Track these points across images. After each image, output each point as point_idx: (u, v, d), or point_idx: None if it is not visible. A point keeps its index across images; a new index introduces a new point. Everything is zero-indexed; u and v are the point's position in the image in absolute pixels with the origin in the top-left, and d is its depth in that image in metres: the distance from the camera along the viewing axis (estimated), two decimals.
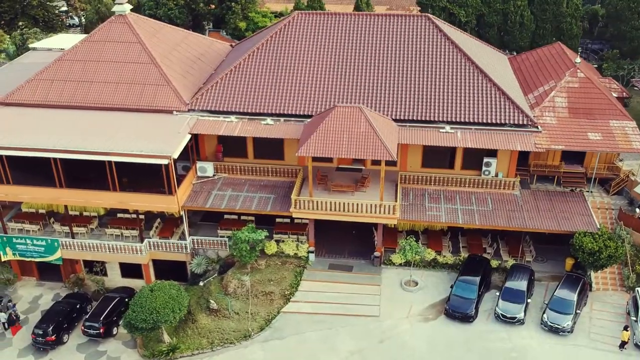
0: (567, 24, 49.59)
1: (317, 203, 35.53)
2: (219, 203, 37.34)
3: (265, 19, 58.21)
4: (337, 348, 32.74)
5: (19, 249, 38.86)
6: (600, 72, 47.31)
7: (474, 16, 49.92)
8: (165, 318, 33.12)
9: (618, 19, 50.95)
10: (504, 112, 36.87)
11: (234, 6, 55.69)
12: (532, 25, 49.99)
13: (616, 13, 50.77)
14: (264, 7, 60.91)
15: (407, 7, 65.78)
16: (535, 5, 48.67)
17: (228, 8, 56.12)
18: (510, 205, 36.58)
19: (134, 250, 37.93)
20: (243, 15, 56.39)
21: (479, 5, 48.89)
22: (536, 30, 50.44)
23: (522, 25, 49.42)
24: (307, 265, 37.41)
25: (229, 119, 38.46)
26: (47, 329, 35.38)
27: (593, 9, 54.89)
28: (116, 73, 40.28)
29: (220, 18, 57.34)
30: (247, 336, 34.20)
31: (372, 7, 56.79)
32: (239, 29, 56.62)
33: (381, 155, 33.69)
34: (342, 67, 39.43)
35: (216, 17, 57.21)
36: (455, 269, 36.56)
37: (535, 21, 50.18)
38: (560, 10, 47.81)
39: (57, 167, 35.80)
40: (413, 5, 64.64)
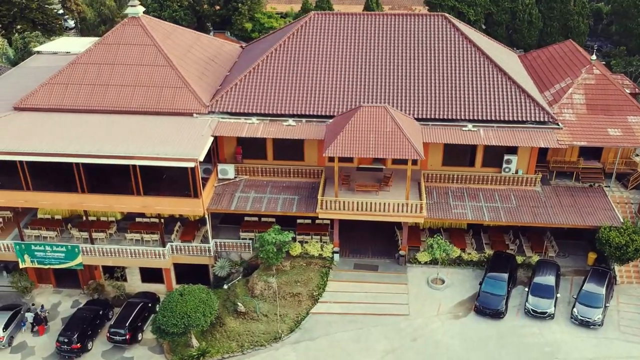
0: (575, 22, 50.38)
1: (344, 203, 35.52)
2: (243, 205, 37.13)
3: (271, 19, 57.97)
4: (371, 348, 32.76)
5: (37, 256, 38.20)
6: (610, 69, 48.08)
7: (483, 15, 50.51)
8: (196, 322, 32.86)
9: (624, 16, 51.91)
10: (525, 109, 37.24)
11: (241, 7, 55.41)
12: (540, 24, 50.64)
13: (622, 10, 51.70)
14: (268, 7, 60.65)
15: (409, 7, 66.11)
16: (543, 4, 49.30)
17: (234, 9, 55.79)
18: (534, 201, 36.96)
19: (157, 254, 37.52)
20: (249, 16, 56.15)
21: (487, 4, 49.42)
22: (544, 28, 51.10)
23: (530, 23, 50.03)
24: (333, 265, 37.36)
25: (250, 120, 38.27)
26: (71, 336, 34.91)
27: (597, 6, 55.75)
28: (133, 76, 39.81)
29: (226, 19, 56.97)
30: (277, 338, 34.05)
31: (382, 7, 56.93)
32: (245, 30, 56.35)
33: (409, 154, 33.83)
34: (361, 67, 39.48)
35: (222, 19, 56.82)
36: (480, 266, 36.82)
37: (543, 19, 50.84)
38: (567, 9, 48.54)
39: (79, 172, 35.25)
40: (415, 5, 65.03)
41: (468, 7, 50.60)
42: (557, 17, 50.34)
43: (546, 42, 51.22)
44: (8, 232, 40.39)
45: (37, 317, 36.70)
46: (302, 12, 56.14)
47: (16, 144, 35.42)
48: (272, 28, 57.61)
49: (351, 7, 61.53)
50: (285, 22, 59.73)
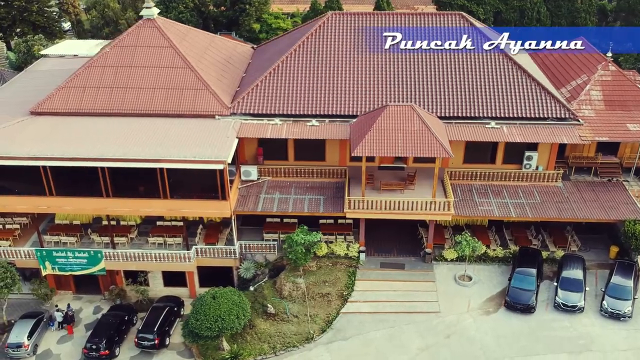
0: (582, 20, 51.25)
1: (371, 202, 35.62)
2: (269, 206, 37.03)
3: (278, 20, 57.82)
4: (405, 346, 32.88)
5: (59, 263, 37.65)
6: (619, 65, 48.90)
7: (492, 13, 51.10)
8: (230, 325, 32.66)
9: (630, 12, 52.93)
10: (545, 106, 37.72)
11: (248, 8, 55.15)
12: (548, 21, 51.41)
13: (628, 7, 52.69)
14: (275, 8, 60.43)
15: (411, 6, 66.43)
16: (551, 2, 50.06)
17: (241, 10, 55.54)
18: (557, 197, 37.46)
19: (183, 257, 37.22)
20: (256, 17, 55.93)
21: (496, 2, 50.06)
22: (552, 26, 51.95)
23: (539, 21, 50.79)
24: (359, 265, 37.42)
25: (273, 121, 38.16)
26: (99, 342, 34.53)
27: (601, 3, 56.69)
28: (151, 78, 39.45)
29: (232, 20, 56.65)
30: (309, 339, 33.99)
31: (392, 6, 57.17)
32: (252, 30, 56.10)
33: (437, 152, 34.05)
34: (381, 66, 39.61)
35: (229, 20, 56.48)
36: (506, 262, 37.18)
37: (551, 17, 51.63)
38: (574, 6, 49.38)
39: (104, 176, 34.82)
40: (417, 4, 65.35)
41: (477, 6, 51.11)
42: (564, 15, 51.24)
43: None
44: (26, 238, 39.83)
45: (67, 316, 36.67)
46: (311, 12, 56.10)
47: (38, 148, 34.85)
48: (279, 28, 57.57)
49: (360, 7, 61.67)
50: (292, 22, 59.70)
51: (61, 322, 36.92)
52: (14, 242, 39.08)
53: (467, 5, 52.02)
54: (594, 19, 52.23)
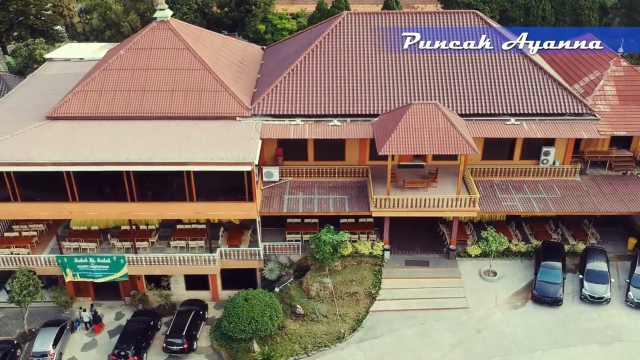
0: (586, 17, 52.20)
1: (397, 201, 35.82)
2: (295, 207, 37.00)
3: (283, 21, 57.68)
4: (437, 342, 33.15)
5: (80, 269, 37.15)
6: None
7: (498, 11, 51.75)
8: (264, 326, 32.67)
9: (631, 9, 54.05)
10: (562, 102, 38.33)
11: (254, 9, 54.94)
12: (553, 19, 52.26)
13: (629, 3, 53.74)
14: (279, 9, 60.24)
15: (412, 5, 66.84)
16: None
17: (247, 11, 55.28)
18: (577, 191, 38.10)
19: (207, 260, 36.99)
20: (262, 17, 55.75)
21: (502, 0, 50.67)
22: (556, 24, 52.81)
23: (544, 19, 51.59)
24: (384, 263, 37.59)
25: (294, 121, 38.13)
26: (127, 349, 34.10)
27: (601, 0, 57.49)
28: (169, 81, 39.14)
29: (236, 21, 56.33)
30: (340, 338, 34.06)
31: (400, 5, 57.46)
32: (257, 31, 55.93)
33: (463, 149, 34.39)
34: (399, 65, 39.83)
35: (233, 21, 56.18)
36: (528, 256, 37.70)
37: (555, 15, 52.47)
38: (578, 4, 50.26)
39: (129, 180, 34.44)
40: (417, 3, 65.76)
41: (483, 4, 51.77)
42: (568, 12, 52.16)
43: None
44: (44, 245, 39.18)
45: (95, 315, 36.68)
46: (317, 12, 56.16)
47: (60, 154, 34.34)
48: (284, 29, 57.50)
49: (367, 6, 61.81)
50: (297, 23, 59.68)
51: (88, 322, 36.82)
52: (32, 249, 38.42)
53: (474, 4, 52.68)
54: (596, 16, 53.24)
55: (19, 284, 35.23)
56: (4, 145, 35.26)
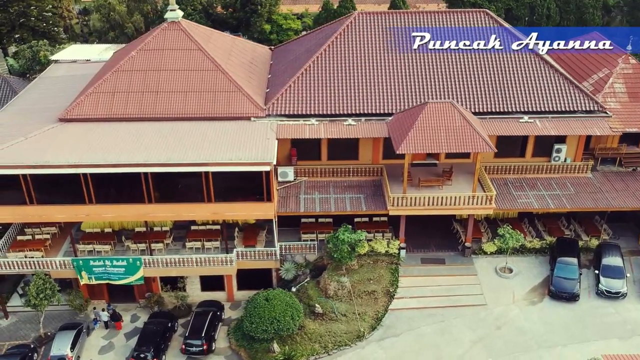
0: (590, 15, 52.79)
1: (414, 199, 35.98)
2: (311, 206, 37.06)
3: (288, 21, 57.66)
4: (457, 339, 33.35)
5: (96, 272, 36.91)
6: None
7: (503, 10, 52.14)
8: (286, 326, 32.74)
9: (635, 7, 54.67)
10: (574, 99, 38.71)
11: (260, 9, 54.91)
12: (557, 17, 52.76)
13: (633, 2, 54.29)
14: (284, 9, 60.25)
15: (414, 5, 67.05)
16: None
17: (252, 11, 55.20)
18: (590, 187, 38.49)
19: (223, 261, 36.92)
20: (267, 18, 55.75)
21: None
22: (560, 22, 53.32)
23: (549, 17, 52.07)
24: (400, 261, 37.74)
25: (309, 121, 38.18)
26: (147, 351, 33.99)
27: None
28: (182, 82, 39.03)
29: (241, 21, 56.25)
30: (360, 337, 34.16)
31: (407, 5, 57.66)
32: (263, 31, 55.90)
33: (480, 147, 34.63)
34: (412, 64, 40.01)
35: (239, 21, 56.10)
36: (543, 253, 38.02)
37: (560, 13, 52.99)
38: (582, 2, 50.79)
39: (147, 181, 34.29)
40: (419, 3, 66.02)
41: (489, 3, 52.18)
42: (572, 11, 52.73)
43: None
44: (57, 248, 38.91)
45: (115, 313, 36.78)
46: (323, 12, 56.25)
47: (77, 156, 34.10)
48: (290, 29, 57.53)
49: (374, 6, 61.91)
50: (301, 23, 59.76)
51: (107, 321, 36.91)
52: (45, 252, 38.14)
53: (479, 3, 53.07)
54: (599, 14, 53.88)
55: (36, 287, 34.98)
56: (18, 148, 34.98)
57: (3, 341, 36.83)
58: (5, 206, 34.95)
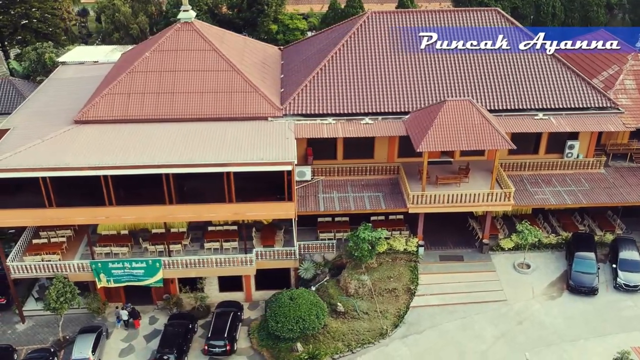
0: (594, 13, 53.50)
1: (433, 197, 36.23)
2: (331, 205, 37.21)
3: (294, 21, 57.70)
4: (480, 335, 33.66)
5: (114, 275, 36.71)
6: None
7: (509, 9, 52.62)
8: (312, 325, 32.86)
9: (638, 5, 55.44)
10: (587, 96, 39.25)
11: (267, 9, 54.92)
12: (562, 15, 53.39)
13: None
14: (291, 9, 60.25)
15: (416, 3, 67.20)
16: None
17: (259, 11, 55.19)
18: (604, 182, 39.03)
19: (243, 261, 36.89)
20: (273, 18, 55.78)
21: None
22: (565, 20, 53.97)
23: (554, 15, 52.68)
24: (419, 259, 37.96)
25: (326, 120, 38.30)
26: (170, 353, 33.89)
27: None
28: (198, 82, 38.96)
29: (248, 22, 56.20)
30: (383, 334, 34.34)
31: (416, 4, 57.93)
32: (270, 32, 55.91)
33: (499, 144, 34.98)
34: (426, 62, 40.28)
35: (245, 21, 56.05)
36: (559, 248, 38.47)
37: (564, 11, 53.64)
38: (587, 0, 51.41)
39: (167, 182, 34.18)
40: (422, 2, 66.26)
41: (495, 2, 52.65)
42: (577, 9, 53.42)
43: None
44: (73, 251, 38.59)
45: (133, 311, 36.92)
46: (330, 12, 56.39)
47: (96, 158, 33.93)
48: (296, 29, 57.62)
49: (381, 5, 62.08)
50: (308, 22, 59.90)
51: (127, 320, 37.00)
52: (62, 255, 37.85)
53: (486, 2, 53.53)
54: (603, 12, 54.62)
55: (56, 290, 34.74)
56: (36, 151, 34.73)
57: (21, 345, 36.54)
58: (24, 209, 34.59)
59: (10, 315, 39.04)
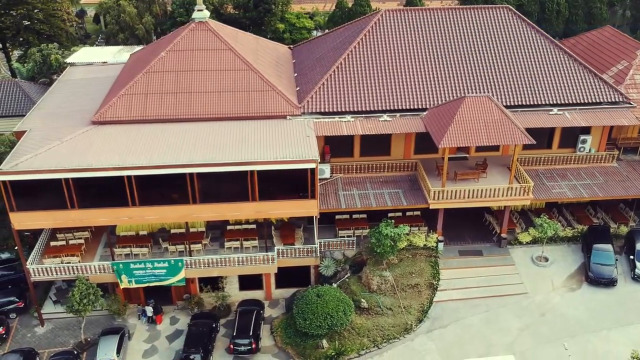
0: (597, 10, 54.37)
1: (453, 192, 36.59)
2: (352, 202, 37.42)
3: (301, 20, 57.80)
4: (504, 328, 34.07)
5: (136, 275, 36.59)
6: None
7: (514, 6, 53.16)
8: (340, 321, 32.99)
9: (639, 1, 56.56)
10: (599, 91, 39.90)
11: (274, 8, 54.99)
12: (566, 12, 54.16)
13: None
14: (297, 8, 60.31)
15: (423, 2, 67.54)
16: None
17: (266, 10, 55.21)
18: (618, 176, 39.72)
19: (265, 260, 36.95)
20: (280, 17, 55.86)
21: None
22: (569, 17, 54.77)
23: (559, 12, 53.41)
24: (439, 254, 38.31)
25: (345, 118, 38.51)
26: (196, 352, 33.86)
27: None
28: (215, 82, 38.99)
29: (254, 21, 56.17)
30: (407, 329, 34.62)
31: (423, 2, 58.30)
32: (277, 31, 55.97)
33: (519, 139, 35.43)
34: (440, 59, 40.68)
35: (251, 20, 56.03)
36: (575, 241, 39.05)
37: (568, 8, 54.45)
38: None
39: (191, 182, 34.13)
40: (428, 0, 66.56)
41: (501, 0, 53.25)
42: (581, 6, 54.27)
43: (571, 29, 54.89)
44: (92, 253, 38.37)
45: (156, 306, 37.18)
46: (338, 11, 56.57)
47: (120, 158, 33.83)
48: (303, 28, 57.74)
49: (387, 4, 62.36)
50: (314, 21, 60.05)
51: (151, 316, 37.27)
52: (81, 257, 37.62)
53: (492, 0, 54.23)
54: (606, 9, 55.54)
55: (79, 292, 34.54)
56: (56, 152, 34.55)
57: (42, 349, 36.26)
58: (47, 211, 34.33)
59: (28, 318, 38.74)
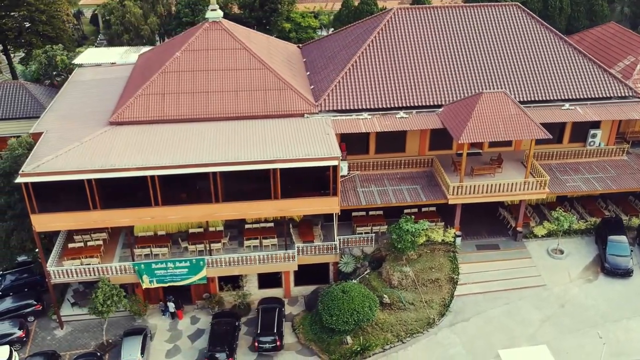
0: (599, 7, 55.33)
1: (472, 187, 37.08)
2: (372, 199, 37.75)
3: (307, 19, 57.96)
4: (526, 319, 34.64)
5: (157, 275, 36.61)
6: None
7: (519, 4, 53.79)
8: (366, 317, 33.31)
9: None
10: (609, 86, 40.65)
11: (280, 8, 55.10)
12: (569, 9, 55.02)
13: None
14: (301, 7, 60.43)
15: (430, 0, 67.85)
16: None
17: (272, 10, 55.29)
18: (629, 169, 40.53)
19: (285, 257, 37.14)
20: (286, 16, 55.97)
21: None
22: (571, 14, 55.62)
23: (561, 9, 54.24)
24: (457, 249, 38.78)
25: (362, 116, 38.82)
26: (221, 351, 34.00)
27: None
28: (232, 81, 39.04)
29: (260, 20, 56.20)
30: (430, 324, 35.04)
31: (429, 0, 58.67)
32: (283, 30, 56.08)
33: (536, 134, 36.03)
34: (454, 57, 41.14)
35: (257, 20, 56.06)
36: (588, 233, 39.77)
37: (570, 5, 55.32)
38: None
39: (214, 181, 34.22)
40: None
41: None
42: (583, 3, 55.22)
43: (573, 26, 55.80)
44: (111, 254, 38.27)
45: (177, 302, 37.61)
46: (344, 9, 56.86)
47: (142, 158, 33.80)
48: (309, 27, 57.96)
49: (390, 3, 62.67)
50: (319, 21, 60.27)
51: (173, 312, 37.60)
52: (100, 259, 37.51)
53: None
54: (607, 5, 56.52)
55: (103, 293, 34.47)
56: (76, 153, 34.41)
57: (64, 351, 36.13)
58: (69, 213, 34.22)
59: (46, 321, 38.58)
